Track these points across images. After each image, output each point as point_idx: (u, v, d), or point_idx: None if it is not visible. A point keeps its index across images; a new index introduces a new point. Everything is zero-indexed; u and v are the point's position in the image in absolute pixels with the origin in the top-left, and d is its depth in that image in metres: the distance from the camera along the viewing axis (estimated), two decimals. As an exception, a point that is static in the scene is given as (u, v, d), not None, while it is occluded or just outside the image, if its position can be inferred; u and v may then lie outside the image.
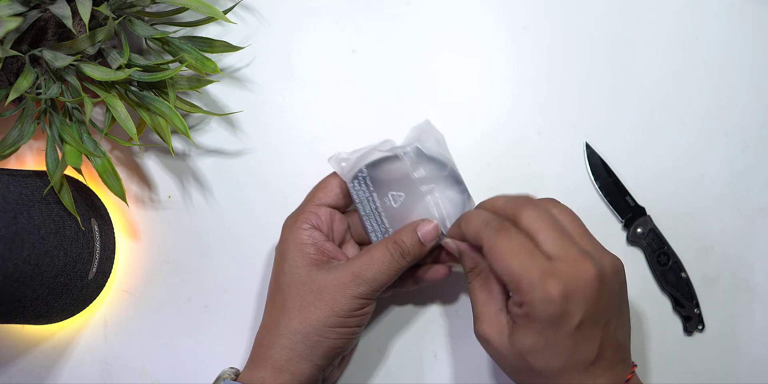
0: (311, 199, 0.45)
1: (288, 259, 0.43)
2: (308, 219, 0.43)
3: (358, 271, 0.41)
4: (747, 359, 0.49)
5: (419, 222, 0.43)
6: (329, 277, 0.42)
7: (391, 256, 0.42)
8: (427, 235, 0.42)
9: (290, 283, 0.42)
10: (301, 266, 0.42)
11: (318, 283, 0.42)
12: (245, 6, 0.51)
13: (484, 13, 0.51)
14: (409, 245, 0.42)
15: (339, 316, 0.41)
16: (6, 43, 0.40)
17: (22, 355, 0.50)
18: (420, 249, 0.42)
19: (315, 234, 0.43)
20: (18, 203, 0.41)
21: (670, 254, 0.49)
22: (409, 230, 0.43)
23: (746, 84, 0.51)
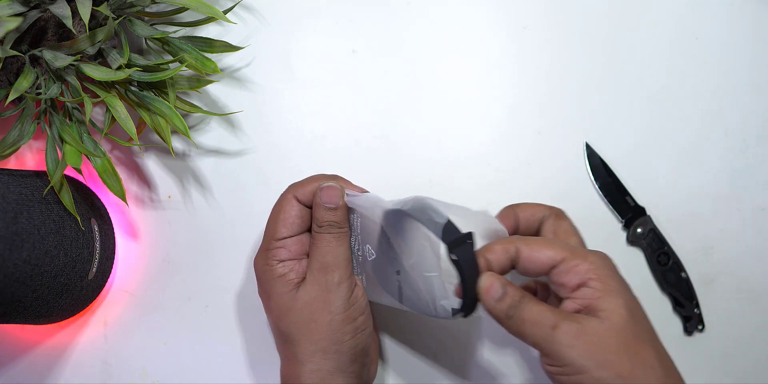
0: (273, 235, 0.43)
1: (273, 295, 0.42)
2: (277, 256, 0.43)
3: (320, 263, 0.42)
4: (747, 359, 0.49)
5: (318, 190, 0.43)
6: (306, 288, 0.42)
7: (324, 233, 0.42)
8: (327, 199, 0.42)
9: (283, 315, 0.42)
10: (285, 294, 0.42)
11: (301, 299, 0.41)
12: (245, 6, 0.51)
13: (484, 13, 0.51)
14: (325, 216, 0.42)
15: (338, 313, 0.41)
16: (6, 43, 0.40)
17: (22, 355, 0.50)
18: (338, 213, 0.42)
19: (288, 263, 0.43)
20: (18, 203, 0.41)
21: (670, 254, 0.49)
22: (316, 205, 0.43)
23: (746, 84, 0.51)
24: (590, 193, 0.50)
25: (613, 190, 0.50)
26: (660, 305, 0.50)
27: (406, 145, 0.50)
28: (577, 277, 0.36)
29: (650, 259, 0.49)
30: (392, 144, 0.50)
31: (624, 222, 0.50)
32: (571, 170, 0.50)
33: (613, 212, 0.50)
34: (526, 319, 0.36)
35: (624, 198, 0.50)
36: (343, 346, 0.41)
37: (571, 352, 0.35)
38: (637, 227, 0.49)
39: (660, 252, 0.49)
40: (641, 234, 0.49)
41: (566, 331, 0.35)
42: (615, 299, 0.36)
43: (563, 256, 0.37)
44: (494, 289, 0.37)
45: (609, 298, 0.36)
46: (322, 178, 0.44)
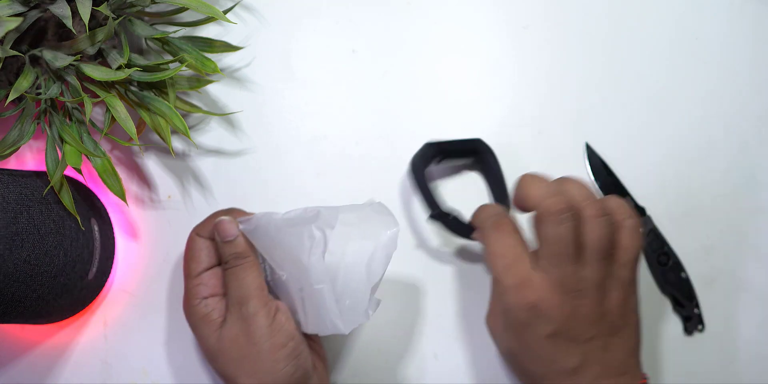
0: (188, 273, 0.43)
1: (201, 337, 0.42)
2: (198, 293, 0.43)
3: (234, 298, 0.41)
4: (747, 359, 0.49)
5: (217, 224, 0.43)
6: (228, 326, 0.41)
7: (231, 266, 0.42)
8: (223, 233, 0.42)
9: (214, 357, 0.42)
10: (211, 335, 0.42)
11: (227, 338, 0.41)
12: (245, 6, 0.51)
13: (484, 13, 0.51)
14: (230, 250, 0.42)
15: (264, 341, 0.40)
16: (6, 43, 0.40)
17: (22, 355, 0.50)
18: (236, 243, 0.42)
19: (210, 301, 0.43)
20: (18, 203, 0.41)
21: (670, 254, 0.49)
22: (218, 244, 0.43)
23: (746, 84, 0.51)
24: (590, 193, 0.50)
25: (613, 190, 0.50)
26: (660, 305, 0.50)
27: (406, 145, 0.50)
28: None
29: (650, 259, 0.49)
30: (392, 144, 0.50)
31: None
32: (571, 170, 0.50)
33: (613, 212, 0.50)
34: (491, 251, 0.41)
35: (624, 198, 0.50)
36: (279, 374, 0.40)
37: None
38: (637, 227, 0.49)
39: (660, 252, 0.49)
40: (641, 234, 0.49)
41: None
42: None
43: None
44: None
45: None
46: (218, 214, 0.44)
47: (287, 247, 0.40)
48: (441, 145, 0.47)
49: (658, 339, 0.49)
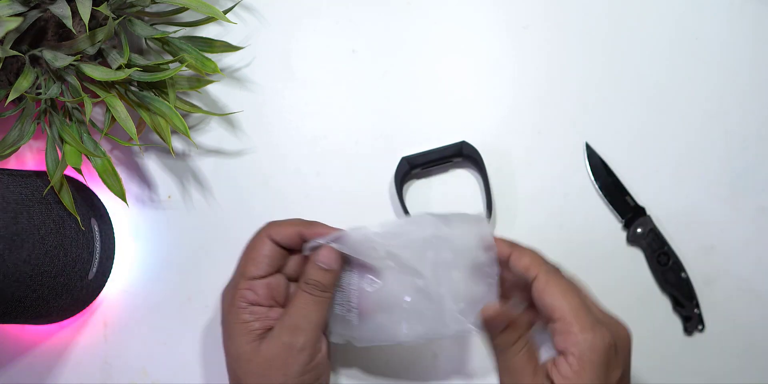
0: (243, 273, 0.42)
1: (233, 338, 0.42)
2: (245, 297, 0.42)
3: (292, 324, 0.41)
4: (747, 359, 0.49)
5: (316, 253, 0.42)
6: (271, 344, 0.41)
7: (310, 294, 0.41)
8: (324, 259, 0.41)
9: (239, 361, 0.41)
10: (246, 344, 0.41)
11: (264, 354, 0.41)
12: (245, 6, 0.51)
13: (484, 13, 0.51)
14: (317, 277, 0.41)
15: (293, 377, 0.40)
16: (6, 43, 0.40)
17: (22, 355, 0.50)
18: (329, 275, 0.42)
19: (255, 309, 0.42)
20: (18, 203, 0.41)
21: (670, 254, 0.49)
22: (311, 265, 0.42)
23: (746, 84, 0.51)
24: (590, 193, 0.50)
25: (613, 190, 0.50)
26: (660, 305, 0.50)
27: (406, 145, 0.50)
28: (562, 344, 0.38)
29: (650, 259, 0.49)
30: (392, 144, 0.50)
31: (624, 222, 0.50)
32: (571, 170, 0.50)
33: (613, 212, 0.50)
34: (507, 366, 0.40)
35: (624, 198, 0.50)
36: None
37: None
38: (637, 227, 0.49)
39: (660, 252, 0.49)
40: (641, 234, 0.49)
41: None
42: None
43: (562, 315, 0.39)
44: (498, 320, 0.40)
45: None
46: (301, 222, 0.43)
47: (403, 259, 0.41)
48: (415, 159, 0.48)
49: (658, 339, 0.49)
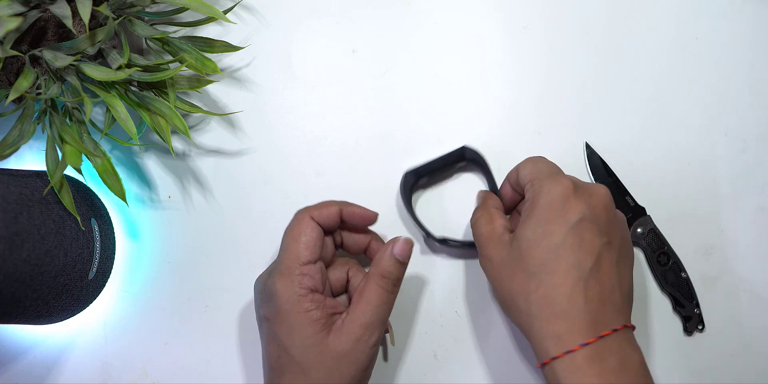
0: (298, 258, 0.41)
1: (297, 330, 0.40)
2: (304, 284, 0.41)
3: (365, 321, 0.41)
4: (747, 359, 0.49)
5: (392, 245, 0.42)
6: (343, 340, 0.40)
7: (385, 290, 0.41)
8: (403, 253, 0.42)
9: (307, 353, 0.40)
10: (313, 335, 0.40)
11: (335, 347, 0.40)
12: (245, 6, 0.51)
13: (483, 13, 0.51)
14: (394, 271, 0.41)
15: (363, 370, 0.41)
16: (6, 43, 0.40)
17: (22, 355, 0.50)
18: (403, 269, 0.42)
19: (315, 296, 0.41)
20: (18, 203, 0.41)
21: (670, 254, 0.49)
22: (387, 257, 0.41)
23: (746, 84, 0.51)
24: (590, 193, 0.50)
25: (613, 190, 0.50)
26: (660, 305, 0.50)
27: (406, 145, 0.50)
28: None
29: (650, 259, 0.49)
30: (392, 144, 0.50)
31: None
32: (571, 170, 0.50)
33: (613, 212, 0.50)
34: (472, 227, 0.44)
35: (624, 198, 0.50)
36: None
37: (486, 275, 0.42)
38: (637, 227, 0.49)
39: (660, 252, 0.49)
40: (641, 234, 0.49)
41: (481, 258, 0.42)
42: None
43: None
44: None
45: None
46: (334, 203, 0.43)
47: None
48: (419, 171, 0.48)
49: (658, 339, 0.49)
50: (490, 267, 0.41)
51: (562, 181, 0.40)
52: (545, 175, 0.41)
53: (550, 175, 0.41)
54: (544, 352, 0.37)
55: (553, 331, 0.37)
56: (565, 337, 0.37)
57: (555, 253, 0.38)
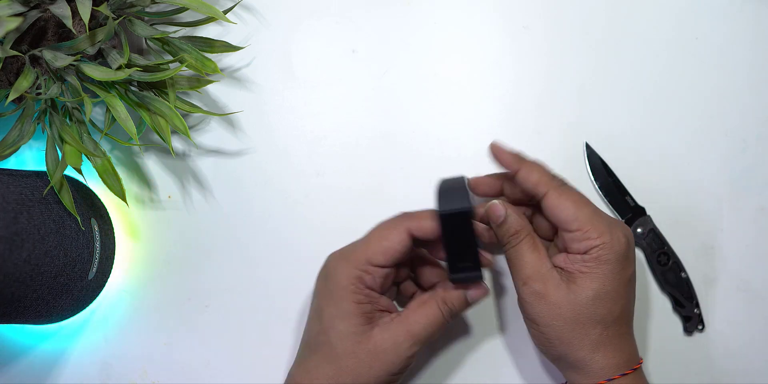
0: (370, 259, 0.42)
1: (345, 317, 0.41)
2: (363, 280, 0.42)
3: (413, 330, 0.41)
4: (747, 359, 0.49)
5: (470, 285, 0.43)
6: (385, 337, 0.41)
7: (442, 316, 0.42)
8: (475, 298, 0.43)
9: (345, 340, 0.41)
10: (358, 325, 0.41)
11: (374, 342, 0.41)
12: (245, 6, 0.51)
13: (483, 13, 0.51)
14: (458, 307, 0.42)
15: (392, 374, 0.41)
16: (6, 43, 0.40)
17: (22, 355, 0.50)
18: (466, 308, 0.43)
19: (370, 293, 0.42)
20: (18, 203, 0.41)
21: (670, 254, 0.49)
22: (459, 292, 0.43)
23: (746, 84, 0.51)
24: (590, 193, 0.50)
25: (613, 190, 0.50)
26: (660, 305, 0.50)
27: (406, 145, 0.50)
28: (582, 248, 0.41)
29: (650, 259, 0.49)
30: (392, 144, 0.50)
31: (624, 222, 0.50)
32: (571, 170, 0.50)
33: (613, 212, 0.50)
34: (511, 259, 0.43)
35: (624, 198, 0.50)
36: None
37: (530, 309, 0.42)
38: (637, 227, 0.49)
39: (660, 252, 0.49)
40: (641, 234, 0.49)
41: (532, 291, 0.41)
42: (592, 282, 0.41)
43: (580, 226, 0.41)
44: (497, 209, 0.43)
45: (588, 280, 0.41)
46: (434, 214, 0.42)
47: None
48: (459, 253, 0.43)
49: (658, 339, 0.49)
50: (543, 304, 0.41)
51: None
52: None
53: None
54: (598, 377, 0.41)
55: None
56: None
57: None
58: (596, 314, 0.41)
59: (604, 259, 0.41)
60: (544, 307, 0.41)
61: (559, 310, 0.41)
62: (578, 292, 0.41)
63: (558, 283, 0.41)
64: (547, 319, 0.41)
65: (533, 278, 0.41)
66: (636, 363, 0.42)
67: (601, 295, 0.41)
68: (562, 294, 0.41)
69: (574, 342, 0.41)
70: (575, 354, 0.41)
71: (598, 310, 0.41)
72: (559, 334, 0.41)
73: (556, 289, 0.41)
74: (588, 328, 0.41)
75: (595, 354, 0.41)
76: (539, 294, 0.41)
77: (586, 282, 0.41)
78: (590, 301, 0.40)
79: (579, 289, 0.41)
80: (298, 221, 0.50)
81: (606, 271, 0.41)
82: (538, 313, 0.41)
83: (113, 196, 0.45)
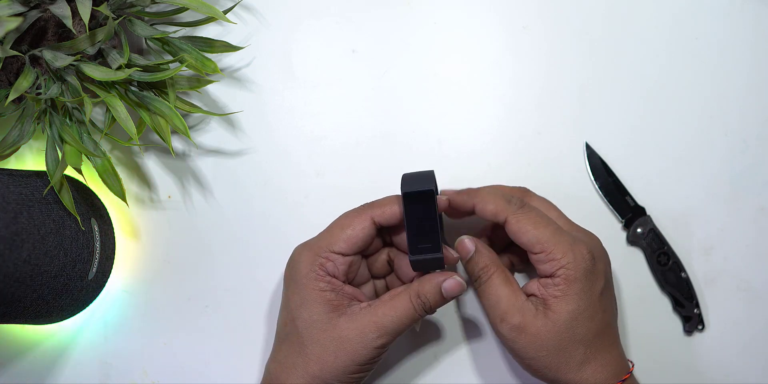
0: (330, 244, 0.42)
1: (308, 305, 0.42)
2: (324, 267, 0.42)
3: (381, 322, 0.41)
4: (747, 359, 0.49)
5: (445, 277, 0.42)
6: (351, 327, 0.41)
7: (414, 309, 0.41)
8: (451, 292, 0.42)
9: (310, 328, 0.41)
10: (322, 313, 0.41)
11: (339, 331, 0.41)
12: (245, 6, 0.51)
13: (483, 13, 0.51)
14: (432, 301, 0.42)
15: (358, 364, 0.41)
16: (6, 43, 0.40)
17: (22, 355, 0.50)
18: (442, 302, 0.42)
19: (333, 280, 0.42)
20: (18, 203, 0.41)
21: (670, 254, 0.49)
22: (434, 284, 0.42)
23: (746, 84, 0.51)
24: (590, 193, 0.50)
25: (613, 190, 0.50)
26: (660, 305, 0.50)
27: (406, 145, 0.50)
28: (549, 270, 0.41)
29: (650, 259, 0.49)
30: (392, 144, 0.50)
31: (624, 222, 0.50)
32: (571, 170, 0.50)
33: (613, 212, 0.50)
34: (484, 295, 0.42)
35: (624, 198, 0.50)
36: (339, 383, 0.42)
37: (512, 344, 0.41)
38: (637, 227, 0.49)
39: (660, 252, 0.49)
40: (641, 234, 0.49)
41: (510, 327, 0.41)
42: (566, 305, 0.41)
43: (543, 248, 0.41)
44: (466, 244, 0.43)
45: (562, 303, 0.41)
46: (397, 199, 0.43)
47: None
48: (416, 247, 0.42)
49: (658, 339, 0.49)
50: (524, 337, 0.41)
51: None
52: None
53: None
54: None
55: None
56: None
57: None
58: (576, 335, 0.41)
59: (572, 278, 0.40)
60: (525, 340, 0.41)
61: (541, 341, 0.41)
62: (555, 318, 0.40)
63: (534, 313, 0.41)
64: (531, 352, 0.41)
65: (509, 313, 0.41)
66: (626, 372, 0.42)
67: (577, 316, 0.40)
68: (540, 324, 0.41)
69: (561, 367, 0.41)
70: (564, 377, 0.41)
71: (578, 330, 0.41)
72: (545, 363, 0.41)
73: (533, 319, 0.41)
74: (571, 350, 0.41)
75: (583, 373, 0.41)
76: (519, 328, 0.41)
77: (561, 305, 0.40)
78: (568, 324, 0.40)
79: (555, 315, 0.40)
80: (298, 221, 0.50)
81: (576, 290, 0.41)
82: (521, 347, 0.41)
83: (113, 196, 0.45)
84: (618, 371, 0.42)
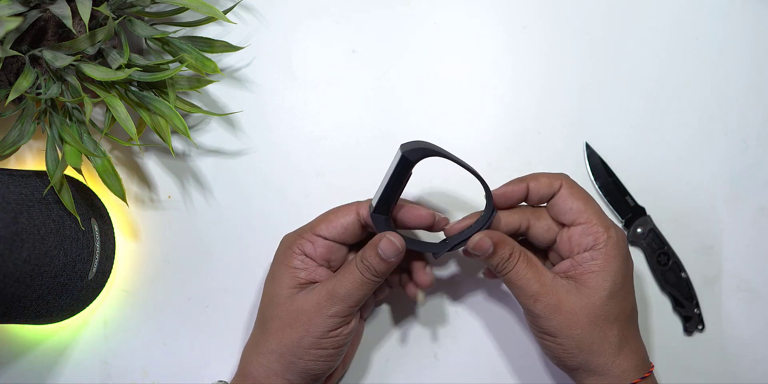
0: (313, 227, 0.44)
1: (276, 280, 0.43)
2: (302, 246, 0.43)
3: (332, 289, 0.41)
4: (747, 359, 0.49)
5: (380, 237, 0.41)
6: (307, 298, 0.42)
7: (360, 272, 0.41)
8: (385, 251, 0.41)
9: (272, 303, 0.43)
10: (286, 288, 0.43)
11: (296, 304, 0.42)
12: (245, 6, 0.51)
13: (483, 13, 0.51)
14: (374, 263, 0.41)
15: (314, 336, 0.41)
16: (6, 43, 0.40)
17: (22, 355, 0.50)
18: (384, 265, 0.41)
19: (307, 260, 0.43)
20: (18, 203, 0.41)
21: (670, 254, 0.49)
22: (372, 245, 0.41)
23: (746, 84, 0.51)
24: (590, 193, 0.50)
25: (613, 190, 0.50)
26: (660, 305, 0.50)
27: (406, 145, 0.50)
28: (589, 242, 0.41)
29: (650, 259, 0.49)
30: (392, 144, 0.50)
31: (624, 222, 0.50)
32: (571, 170, 0.50)
33: (613, 212, 0.50)
34: (512, 281, 0.42)
35: (624, 198, 0.50)
36: (299, 361, 0.42)
37: (546, 322, 0.41)
38: (637, 227, 0.49)
39: (660, 252, 0.49)
40: (641, 234, 0.49)
41: (545, 306, 0.41)
42: (604, 281, 0.40)
43: (589, 218, 0.42)
44: (483, 243, 0.41)
45: (599, 278, 0.40)
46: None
47: None
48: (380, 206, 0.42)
49: (658, 339, 0.49)
50: (558, 315, 0.40)
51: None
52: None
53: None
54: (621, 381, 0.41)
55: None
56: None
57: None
58: (611, 314, 0.40)
59: (612, 254, 0.41)
60: (560, 318, 0.40)
61: (576, 318, 0.40)
62: (591, 295, 0.40)
63: (568, 290, 0.41)
64: (565, 330, 0.40)
65: (542, 292, 0.41)
66: (649, 365, 0.42)
67: (614, 293, 0.40)
68: (575, 300, 0.40)
69: (594, 348, 0.40)
70: (596, 360, 0.41)
71: (613, 310, 0.40)
72: (578, 343, 0.40)
73: (567, 295, 0.41)
74: (606, 330, 0.40)
75: (616, 357, 0.41)
76: (553, 306, 0.40)
77: (599, 281, 0.40)
78: (605, 302, 0.40)
79: (591, 291, 0.40)
80: (298, 221, 0.50)
81: (615, 267, 0.41)
82: (555, 325, 0.41)
83: (113, 196, 0.45)
84: (644, 361, 0.42)
